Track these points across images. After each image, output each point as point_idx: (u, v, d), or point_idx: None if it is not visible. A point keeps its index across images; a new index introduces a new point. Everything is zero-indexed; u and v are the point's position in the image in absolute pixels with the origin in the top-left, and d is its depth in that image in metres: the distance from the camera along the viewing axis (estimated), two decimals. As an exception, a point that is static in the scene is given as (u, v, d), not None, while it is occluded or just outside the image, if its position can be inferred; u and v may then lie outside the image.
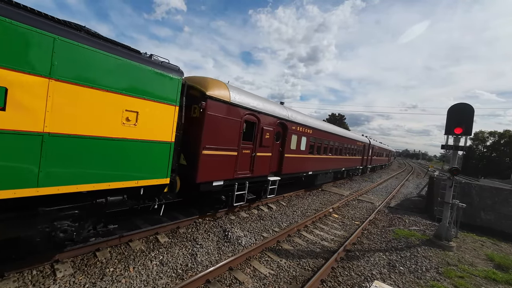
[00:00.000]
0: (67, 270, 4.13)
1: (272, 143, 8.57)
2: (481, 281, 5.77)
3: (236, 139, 7.04)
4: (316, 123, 12.41)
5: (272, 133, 8.49)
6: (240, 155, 7.23)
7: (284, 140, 9.49)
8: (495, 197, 10.11)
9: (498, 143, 56.07)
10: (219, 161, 6.61)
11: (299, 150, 10.57)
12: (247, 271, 5.03)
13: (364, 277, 5.38)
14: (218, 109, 6.35)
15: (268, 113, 8.20)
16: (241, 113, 7.08)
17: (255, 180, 8.21)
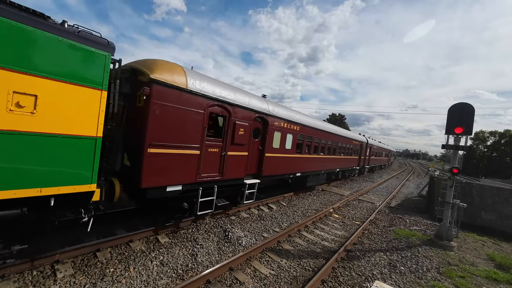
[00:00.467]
0: (67, 271, 4.13)
1: (248, 141, 7.50)
2: (482, 281, 5.76)
3: (198, 135, 5.89)
4: (304, 119, 11.23)
5: (249, 129, 7.40)
6: (204, 154, 6.13)
7: (265, 137, 8.39)
8: (495, 197, 10.09)
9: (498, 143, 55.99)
10: (174, 162, 5.49)
11: (283, 149, 9.50)
12: (247, 271, 5.03)
13: (365, 277, 5.37)
14: (169, 97, 5.19)
15: (242, 106, 7.08)
16: (204, 104, 5.92)
17: (226, 183, 7.09)
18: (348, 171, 19.18)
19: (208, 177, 6.44)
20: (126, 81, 4.88)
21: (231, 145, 6.89)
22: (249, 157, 7.72)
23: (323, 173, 14.07)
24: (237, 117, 6.98)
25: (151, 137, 4.97)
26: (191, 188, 6.06)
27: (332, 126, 15.64)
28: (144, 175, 4.96)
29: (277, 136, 9.08)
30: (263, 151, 8.45)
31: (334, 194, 13.85)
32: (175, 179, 5.64)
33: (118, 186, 4.85)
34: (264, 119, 8.28)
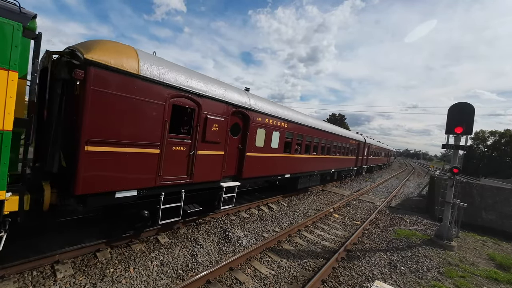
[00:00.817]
0: (67, 271, 4.13)
1: (225, 138, 6.68)
2: (482, 281, 5.75)
3: (158, 131, 5.01)
4: (294, 116, 10.31)
5: (225, 124, 6.59)
6: (166, 153, 5.25)
7: (246, 134, 7.51)
8: (496, 197, 10.08)
9: (499, 143, 55.94)
10: (125, 163, 4.59)
11: (269, 147, 8.65)
12: (247, 272, 5.02)
13: (365, 277, 5.37)
14: (115, 84, 4.28)
15: (215, 98, 6.25)
16: (164, 94, 5.04)
17: (198, 187, 6.28)
18: (344, 172, 18.44)
19: (173, 180, 5.53)
20: (65, 65, 4.21)
21: (202, 143, 6.02)
22: (226, 156, 6.84)
23: (317, 174, 13.21)
24: (209, 111, 6.10)
25: (88, 132, 4.07)
26: (151, 193, 5.18)
27: (326, 124, 14.64)
28: (79, 178, 4.04)
29: (261, 133, 8.20)
30: (243, 150, 7.53)
31: (334, 194, 13.84)
32: (128, 183, 4.71)
33: (48, 192, 4.03)
34: (245, 114, 7.39)
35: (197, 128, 5.90)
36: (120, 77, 4.38)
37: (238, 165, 7.58)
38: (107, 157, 4.34)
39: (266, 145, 8.54)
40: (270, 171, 9.11)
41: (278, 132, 9.11)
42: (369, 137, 26.73)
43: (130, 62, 4.53)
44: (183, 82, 5.50)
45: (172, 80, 5.25)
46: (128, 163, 4.66)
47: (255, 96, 8.31)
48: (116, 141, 4.44)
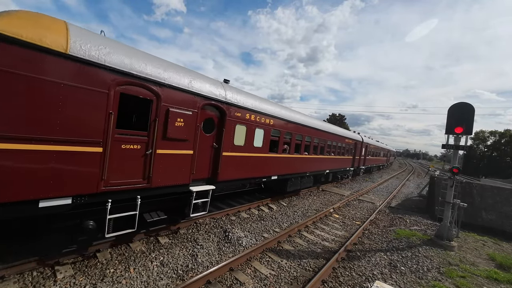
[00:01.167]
0: (67, 271, 4.13)
1: (193, 136, 5.79)
2: (483, 281, 5.75)
3: (99, 124, 4.17)
4: (281, 112, 9.36)
5: (193, 119, 5.70)
6: (112, 152, 4.39)
7: (221, 131, 6.64)
8: (496, 197, 10.09)
9: (499, 143, 55.96)
10: (53, 164, 3.75)
11: (251, 146, 7.82)
12: (247, 272, 5.02)
13: (365, 277, 5.36)
14: (29, 63, 3.44)
15: (180, 88, 5.37)
16: (107, 80, 4.19)
17: (159, 192, 5.38)
18: (340, 173, 17.58)
19: (124, 184, 4.65)
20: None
21: (163, 140, 5.17)
22: (196, 157, 5.96)
23: (309, 175, 12.31)
24: (171, 103, 5.24)
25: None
26: (94, 200, 4.31)
27: (318, 122, 13.46)
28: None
29: (241, 130, 7.35)
30: (219, 149, 6.68)
31: (335, 194, 13.84)
32: (58, 189, 3.86)
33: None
34: (220, 108, 6.56)
35: (155, 123, 4.99)
36: (39, 56, 3.50)
37: (212, 167, 6.69)
38: (20, 157, 3.46)
39: (248, 144, 7.68)
40: (252, 172, 8.20)
41: (262, 130, 8.25)
42: (368, 137, 26.21)
43: (54, 38, 3.63)
44: (135, 67, 4.60)
45: (118, 63, 4.33)
46: (57, 164, 3.79)
47: (233, 88, 7.37)
48: (36, 137, 3.57)
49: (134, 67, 4.61)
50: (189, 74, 5.88)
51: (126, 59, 4.52)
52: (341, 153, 16.62)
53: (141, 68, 4.72)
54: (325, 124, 14.45)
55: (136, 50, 5.05)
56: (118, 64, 4.34)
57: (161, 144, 5.19)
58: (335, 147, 15.38)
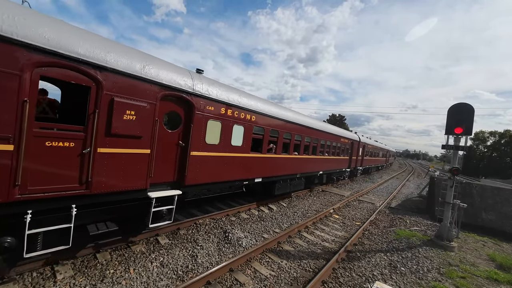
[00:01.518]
0: (67, 272, 4.13)
1: (151, 132, 4.91)
2: (483, 281, 5.75)
3: (9, 115, 3.33)
4: (264, 107, 8.32)
5: (149, 113, 4.83)
6: (30, 151, 3.56)
7: (189, 127, 5.72)
8: (496, 197, 10.09)
9: (498, 143, 55.98)
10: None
11: (228, 145, 6.96)
12: (247, 273, 5.02)
13: (365, 278, 5.36)
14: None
15: (131, 74, 4.49)
16: (19, 59, 3.33)
17: (104, 200, 4.48)
18: (336, 174, 16.56)
19: (50, 190, 3.79)
20: None
21: (107, 137, 4.28)
22: (155, 157, 5.07)
23: (300, 177, 11.39)
24: (118, 92, 4.34)
25: None
26: (5, 212, 3.44)
27: (311, 120, 12.37)
28: None
29: (214, 127, 6.47)
30: (186, 148, 5.76)
31: (334, 195, 13.84)
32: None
33: None
34: (187, 100, 5.61)
35: (95, 115, 4.10)
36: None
37: (178, 168, 5.76)
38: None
39: (224, 142, 6.81)
40: (230, 174, 7.25)
41: (241, 127, 7.34)
42: (366, 136, 25.70)
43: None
44: (63, 45, 3.68)
45: (37, 38, 3.44)
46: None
47: (205, 78, 6.49)
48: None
49: (62, 44, 3.68)
50: (143, 58, 4.92)
51: (51, 33, 3.61)
52: (336, 153, 15.80)
53: (72, 47, 3.79)
54: (317, 122, 13.25)
55: (70, 26, 4.06)
56: (36, 39, 3.43)
57: (104, 141, 4.29)
58: (330, 147, 14.51)
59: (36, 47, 3.43)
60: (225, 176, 7.10)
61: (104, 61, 4.17)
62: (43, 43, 3.50)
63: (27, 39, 3.36)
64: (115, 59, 4.33)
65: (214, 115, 6.41)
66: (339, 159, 16.27)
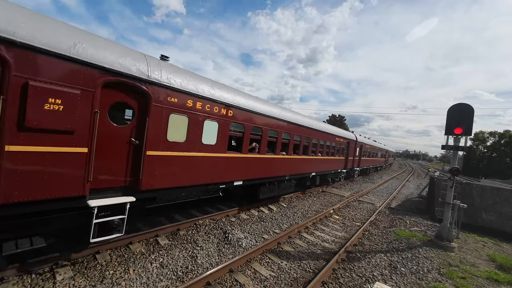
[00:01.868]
0: (66, 273, 4.12)
1: (88, 126, 4.08)
2: (483, 282, 5.74)
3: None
4: (244, 101, 7.42)
5: (85, 102, 4.00)
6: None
7: (144, 122, 4.85)
8: (496, 197, 10.09)
9: (498, 143, 56.03)
10: None
11: (197, 144, 6.05)
12: (247, 273, 5.01)
13: (366, 278, 5.35)
14: None
15: (55, 53, 3.66)
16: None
17: (22, 210, 3.68)
18: (330, 175, 15.77)
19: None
20: None
21: (20, 131, 3.46)
22: (94, 157, 4.18)
23: (289, 179, 10.59)
24: (35, 75, 3.51)
25: None
26: None
27: (301, 117, 11.32)
28: None
29: (179, 122, 5.57)
30: (141, 147, 4.88)
31: (334, 195, 13.83)
32: None
33: None
34: (141, 90, 4.72)
35: None
36: None
37: (131, 171, 4.86)
38: None
39: (192, 140, 5.93)
40: (202, 177, 6.35)
41: (215, 122, 6.48)
42: (364, 136, 25.34)
43: None
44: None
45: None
46: None
47: (168, 65, 5.60)
48: None
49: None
50: (76, 34, 4.02)
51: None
52: (331, 153, 14.93)
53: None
54: (309, 120, 12.22)
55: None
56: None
57: (16, 137, 3.43)
58: (323, 147, 13.61)
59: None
60: (195, 179, 6.20)
61: (12, 34, 3.27)
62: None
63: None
64: (31, 32, 3.43)
65: (179, 108, 5.52)
66: (333, 160, 15.47)
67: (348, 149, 17.93)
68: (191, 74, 6.12)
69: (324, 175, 14.80)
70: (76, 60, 3.89)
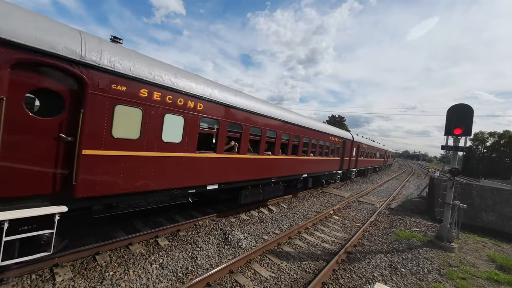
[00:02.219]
0: (66, 274, 4.11)
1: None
2: (483, 282, 5.73)
3: None
4: (217, 93, 6.45)
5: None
6: None
7: (77, 114, 3.98)
8: (496, 198, 10.10)
9: (498, 144, 56.09)
10: None
11: (155, 141, 5.10)
12: (247, 274, 5.00)
13: (366, 279, 5.35)
14: None
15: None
16: None
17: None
18: (324, 176, 14.85)
19: None
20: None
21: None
22: (1, 157, 3.36)
23: (277, 182, 9.65)
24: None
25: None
26: None
27: (289, 114, 10.27)
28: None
29: (129, 115, 4.64)
30: (74, 145, 4.01)
31: (334, 196, 13.83)
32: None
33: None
34: (73, 73, 3.88)
35: None
36: None
37: (61, 174, 3.95)
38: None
39: (148, 137, 4.97)
40: (163, 181, 5.35)
41: (180, 117, 5.56)
42: (363, 136, 25.01)
43: None
44: None
45: None
46: None
47: (113, 46, 4.63)
48: None
49: None
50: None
51: None
52: (325, 153, 13.91)
53: None
54: (299, 118, 11.11)
55: None
56: None
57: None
58: (316, 146, 12.61)
59: None
60: (154, 184, 5.19)
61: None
62: None
63: None
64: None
65: (128, 99, 4.59)
66: (328, 160, 14.41)
67: (344, 149, 17.10)
68: (148, 60, 5.12)
69: (318, 176, 13.82)
70: None
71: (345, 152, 17.33)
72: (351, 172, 20.20)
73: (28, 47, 3.40)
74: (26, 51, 3.40)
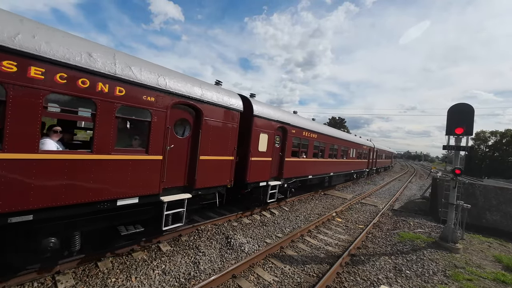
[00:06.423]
0: (68, 282, 4.08)
1: None
2: (490, 283, 5.65)
3: None
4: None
5: None
6: None
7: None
8: (500, 197, 10.01)
9: (500, 143, 55.85)
10: None
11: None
12: (251, 279, 4.95)
13: (370, 282, 5.28)
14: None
15: None
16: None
17: None
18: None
19: None
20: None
21: None
22: None
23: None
24: None
25: None
26: None
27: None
28: None
29: None
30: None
31: (337, 198, 13.75)
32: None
33: None
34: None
35: None
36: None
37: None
38: None
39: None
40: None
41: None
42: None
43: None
44: None
45: None
46: None
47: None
48: None
49: None
50: None
51: None
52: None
53: None
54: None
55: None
56: None
57: None
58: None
59: None
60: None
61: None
62: None
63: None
64: None
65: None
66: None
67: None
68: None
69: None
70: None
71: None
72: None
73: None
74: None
